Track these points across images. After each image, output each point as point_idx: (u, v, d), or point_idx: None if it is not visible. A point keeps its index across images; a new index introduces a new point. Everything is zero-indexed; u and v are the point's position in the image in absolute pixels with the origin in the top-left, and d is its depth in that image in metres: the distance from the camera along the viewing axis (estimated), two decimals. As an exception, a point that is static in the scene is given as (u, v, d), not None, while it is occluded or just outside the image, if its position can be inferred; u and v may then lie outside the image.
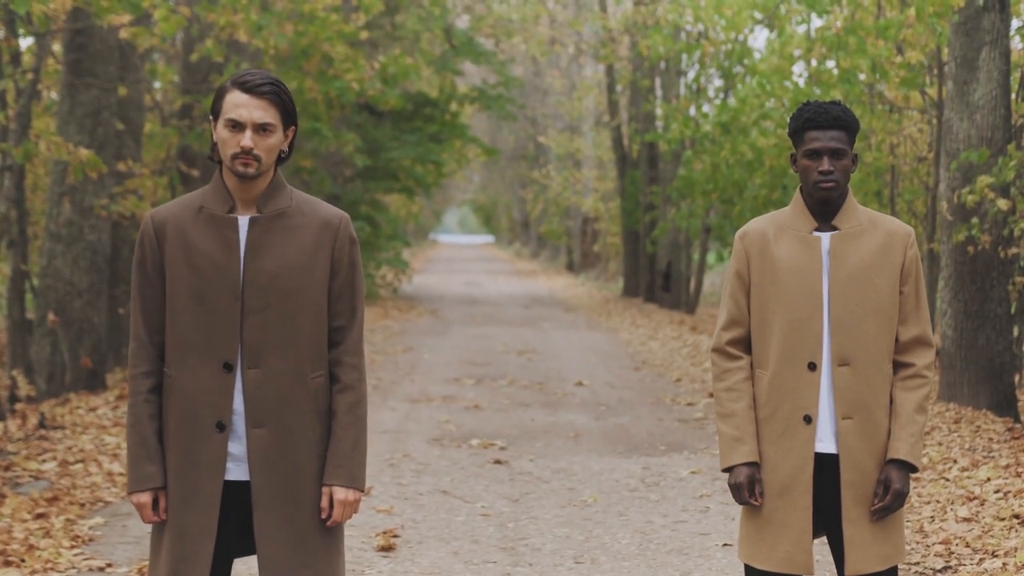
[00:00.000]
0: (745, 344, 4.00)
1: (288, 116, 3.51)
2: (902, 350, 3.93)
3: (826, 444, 3.89)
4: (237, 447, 3.51)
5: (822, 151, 3.87)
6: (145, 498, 3.50)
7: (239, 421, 3.51)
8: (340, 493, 3.55)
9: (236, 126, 3.44)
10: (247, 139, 3.44)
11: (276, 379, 3.49)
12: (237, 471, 3.51)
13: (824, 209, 3.93)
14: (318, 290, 3.56)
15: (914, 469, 3.90)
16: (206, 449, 3.48)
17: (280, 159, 3.56)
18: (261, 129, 3.46)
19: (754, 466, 3.92)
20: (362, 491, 3.60)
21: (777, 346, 3.90)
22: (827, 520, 3.93)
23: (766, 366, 3.93)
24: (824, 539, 4.09)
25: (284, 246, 3.52)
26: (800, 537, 3.88)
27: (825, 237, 3.93)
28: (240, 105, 3.44)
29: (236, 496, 3.52)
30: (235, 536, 3.56)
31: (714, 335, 4.05)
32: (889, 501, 3.85)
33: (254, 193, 3.53)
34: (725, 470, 3.97)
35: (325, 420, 3.57)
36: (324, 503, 3.55)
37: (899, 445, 3.87)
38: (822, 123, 3.86)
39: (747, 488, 3.91)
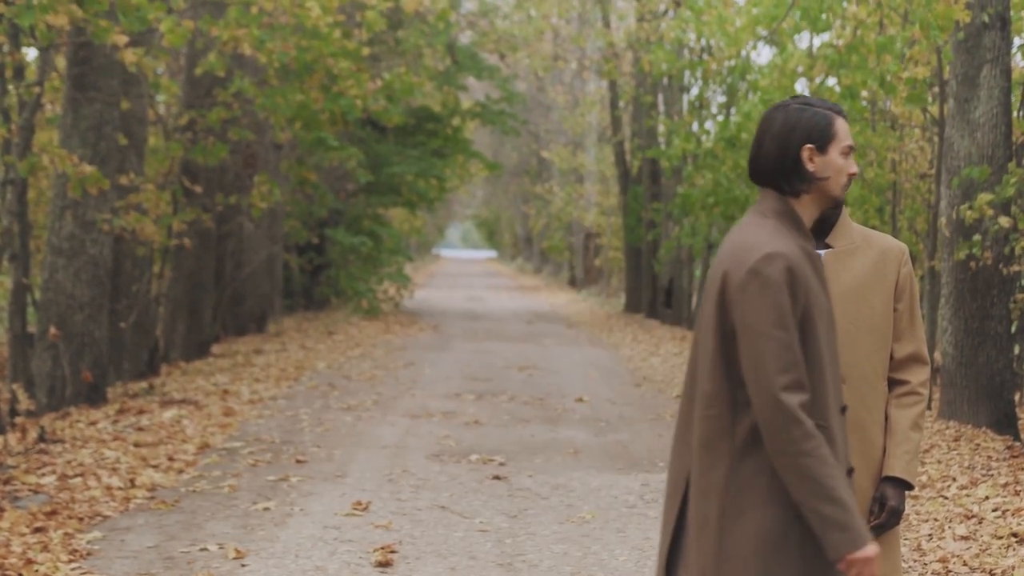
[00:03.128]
0: (740, 362, 4.00)
1: None
2: (897, 367, 3.93)
3: (821, 462, 3.89)
4: None
5: (816, 169, 3.88)
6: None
7: None
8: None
9: (851, 152, 3.41)
10: (855, 165, 3.43)
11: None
12: None
13: (818, 227, 3.93)
14: None
15: (910, 487, 3.89)
16: None
17: None
18: None
19: (749, 484, 3.92)
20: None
21: (772, 364, 3.90)
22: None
23: (761, 384, 3.93)
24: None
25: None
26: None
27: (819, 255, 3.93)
28: (849, 133, 3.43)
29: None
30: None
31: (709, 352, 4.06)
32: (884, 519, 3.84)
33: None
34: (720, 487, 3.96)
35: None
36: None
37: (894, 463, 3.87)
38: (816, 142, 3.87)
39: (742, 506, 3.91)
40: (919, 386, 3.92)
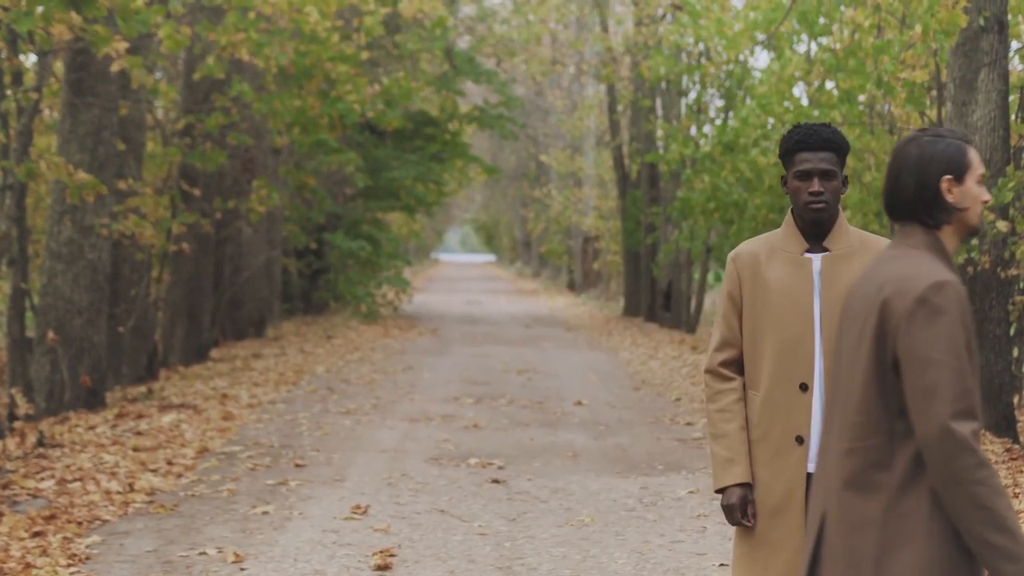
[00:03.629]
0: (737, 365, 4.02)
1: None
2: (894, 371, 3.94)
3: (819, 465, 3.90)
4: None
5: (812, 172, 3.90)
6: None
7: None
8: None
9: (983, 180, 3.32)
10: (986, 192, 3.35)
11: None
12: None
13: (815, 230, 3.95)
14: None
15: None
16: None
17: None
18: None
19: (747, 487, 3.94)
20: None
21: (769, 367, 3.92)
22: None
23: (758, 387, 3.95)
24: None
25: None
26: (793, 558, 3.88)
27: (816, 258, 3.94)
28: (981, 161, 3.35)
29: None
30: None
31: (707, 356, 4.07)
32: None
33: None
34: (718, 491, 3.98)
35: None
36: None
37: (892, 466, 3.88)
38: (812, 144, 3.89)
39: (740, 509, 3.92)
40: (917, 389, 3.92)
